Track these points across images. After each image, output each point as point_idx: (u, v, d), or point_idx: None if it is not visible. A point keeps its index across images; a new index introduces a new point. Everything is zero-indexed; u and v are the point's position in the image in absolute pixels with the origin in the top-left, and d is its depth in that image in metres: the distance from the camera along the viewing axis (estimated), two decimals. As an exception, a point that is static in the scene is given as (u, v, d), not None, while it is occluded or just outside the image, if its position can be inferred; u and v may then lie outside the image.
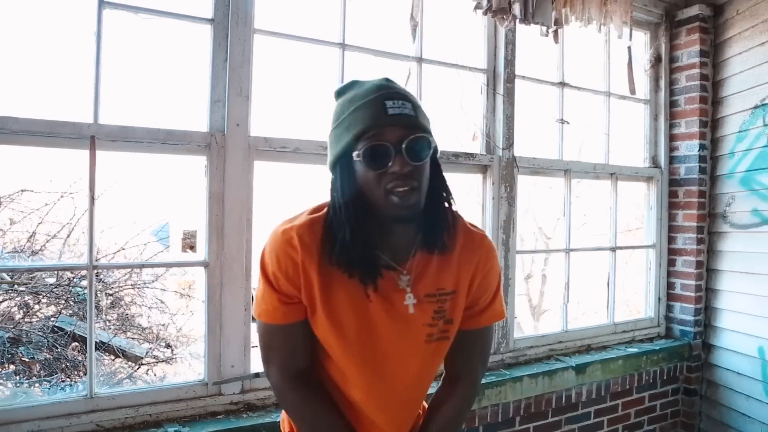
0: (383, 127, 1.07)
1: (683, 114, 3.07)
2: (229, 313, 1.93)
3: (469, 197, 2.72)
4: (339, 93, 1.19)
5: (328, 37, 2.18)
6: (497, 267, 1.28)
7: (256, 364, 2.04)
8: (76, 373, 3.47)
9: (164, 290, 4.51)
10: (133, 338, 4.14)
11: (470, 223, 1.28)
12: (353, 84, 1.18)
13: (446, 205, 1.20)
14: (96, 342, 1.85)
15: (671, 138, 3.13)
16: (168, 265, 5.19)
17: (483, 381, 2.37)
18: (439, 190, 1.19)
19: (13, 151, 1.97)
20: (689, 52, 3.03)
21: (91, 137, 1.74)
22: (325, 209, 1.17)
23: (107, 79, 1.84)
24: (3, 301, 3.16)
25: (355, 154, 1.09)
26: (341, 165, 1.13)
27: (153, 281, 4.38)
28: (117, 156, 1.89)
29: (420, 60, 2.35)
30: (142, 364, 4.10)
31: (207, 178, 1.89)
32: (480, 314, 1.27)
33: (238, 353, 1.96)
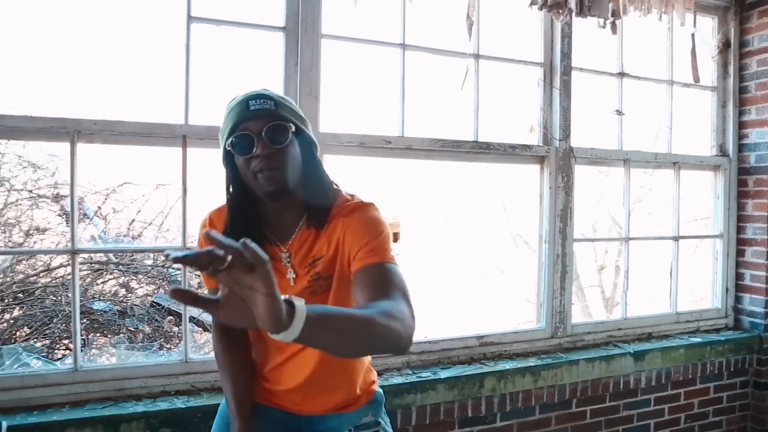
0: (247, 121, 1.25)
1: (754, 100, 2.99)
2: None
3: (527, 188, 2.81)
4: (226, 107, 1.35)
5: (389, 38, 2.34)
6: (365, 217, 1.32)
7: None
8: (171, 343, 3.92)
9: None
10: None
11: (349, 195, 1.40)
12: (234, 98, 1.34)
13: (322, 186, 1.36)
14: (188, 316, 2.13)
15: (740, 125, 3.05)
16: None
17: (539, 362, 2.47)
18: (314, 173, 1.35)
19: (118, 149, 2.27)
20: (761, 36, 2.95)
21: (183, 136, 2.00)
22: None
23: (195, 84, 2.09)
24: (110, 279, 3.61)
25: (227, 144, 1.28)
26: (226, 161, 1.33)
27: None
28: (204, 152, 2.14)
29: (477, 56, 2.46)
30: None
31: (281, 171, 2.12)
32: (363, 255, 1.27)
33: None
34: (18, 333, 3.02)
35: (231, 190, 1.36)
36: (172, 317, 3.84)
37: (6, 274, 3.28)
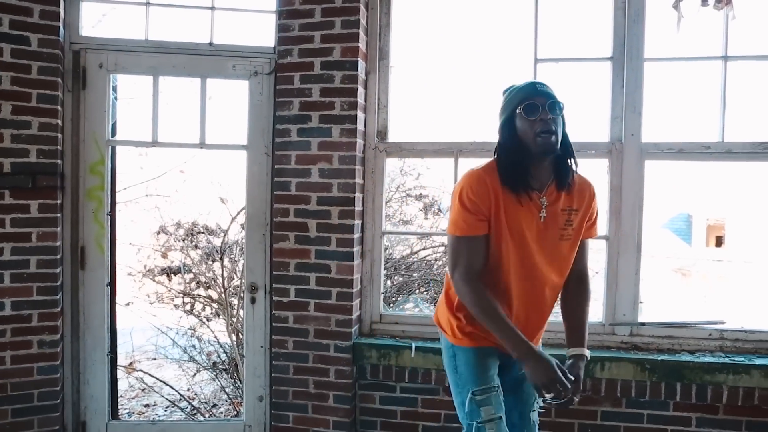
0: (535, 96, 1.80)
1: None
2: (624, 275, 2.61)
3: None
4: (504, 91, 1.93)
5: (709, 53, 2.60)
6: (597, 201, 1.97)
7: (644, 316, 2.67)
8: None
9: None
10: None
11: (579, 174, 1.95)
12: (513, 85, 1.91)
13: (571, 156, 1.88)
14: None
15: None
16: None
17: None
18: (567, 148, 1.87)
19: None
20: None
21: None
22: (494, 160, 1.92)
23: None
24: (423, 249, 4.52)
25: (518, 109, 1.81)
26: (508, 123, 1.85)
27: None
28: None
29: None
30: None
31: (609, 175, 2.61)
32: (590, 228, 1.97)
33: (628, 305, 2.61)
34: (415, 289, 4.35)
35: (507, 147, 1.86)
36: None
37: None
